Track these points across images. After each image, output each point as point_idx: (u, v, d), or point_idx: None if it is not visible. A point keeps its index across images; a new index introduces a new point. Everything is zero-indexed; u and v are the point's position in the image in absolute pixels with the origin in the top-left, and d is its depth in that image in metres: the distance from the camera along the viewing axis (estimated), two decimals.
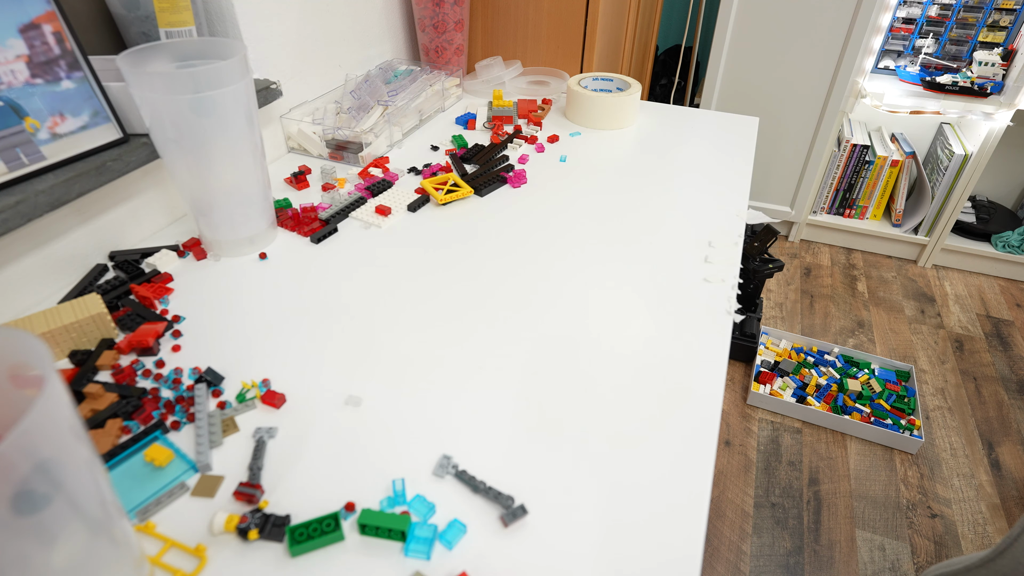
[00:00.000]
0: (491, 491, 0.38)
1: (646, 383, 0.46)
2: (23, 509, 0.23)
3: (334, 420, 0.44)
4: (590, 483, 0.39)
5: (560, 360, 0.49)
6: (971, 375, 1.63)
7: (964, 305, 1.87)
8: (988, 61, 1.87)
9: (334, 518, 0.36)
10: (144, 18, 0.62)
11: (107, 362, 0.47)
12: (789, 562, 1.19)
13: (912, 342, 1.73)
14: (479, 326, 0.52)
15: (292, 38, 0.78)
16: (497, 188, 0.74)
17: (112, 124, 0.56)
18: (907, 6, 1.96)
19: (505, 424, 0.43)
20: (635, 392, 0.46)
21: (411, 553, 0.35)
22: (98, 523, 0.28)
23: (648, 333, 0.52)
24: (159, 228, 0.67)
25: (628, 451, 0.41)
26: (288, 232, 0.65)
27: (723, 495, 1.32)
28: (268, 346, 0.50)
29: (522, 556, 0.35)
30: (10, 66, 0.49)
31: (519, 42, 1.06)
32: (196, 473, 0.40)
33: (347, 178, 0.75)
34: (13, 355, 0.26)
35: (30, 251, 0.54)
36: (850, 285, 1.95)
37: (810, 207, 2.06)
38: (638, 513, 0.37)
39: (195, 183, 0.57)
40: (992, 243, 1.96)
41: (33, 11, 0.50)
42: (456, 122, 0.91)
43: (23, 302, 0.54)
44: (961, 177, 1.84)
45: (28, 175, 0.51)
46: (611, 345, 0.50)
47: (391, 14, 0.99)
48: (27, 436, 0.22)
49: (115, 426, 0.42)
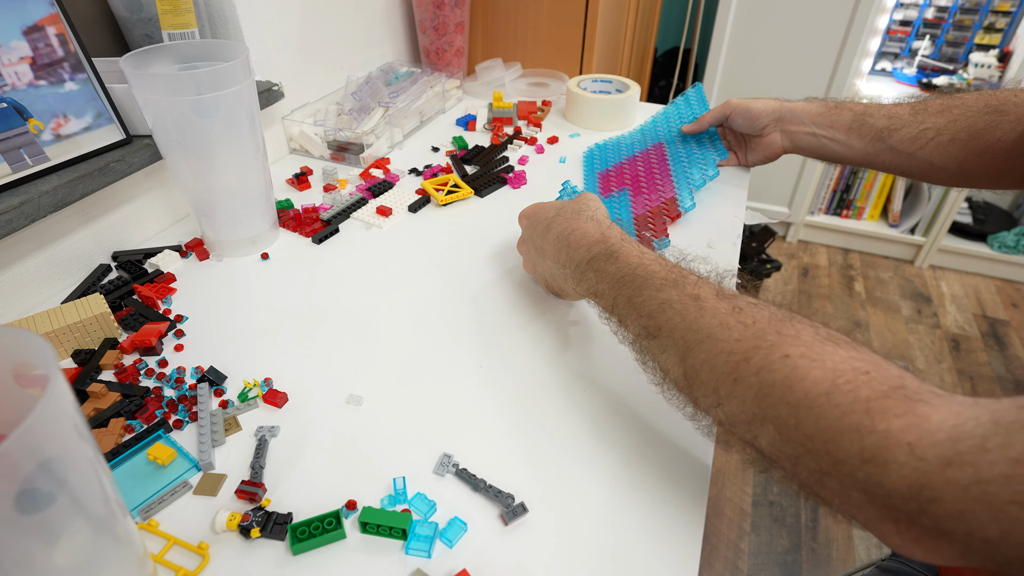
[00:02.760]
0: (491, 489, 0.39)
1: (646, 382, 0.47)
2: (27, 507, 0.23)
3: (335, 419, 0.44)
4: (589, 481, 0.40)
5: (560, 359, 0.49)
6: (967, 375, 1.63)
7: (960, 305, 1.88)
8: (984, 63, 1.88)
9: (335, 516, 0.36)
10: (147, 20, 0.63)
11: (110, 361, 0.48)
12: (787, 560, 1.20)
13: (909, 342, 1.74)
14: (479, 325, 0.53)
15: (294, 40, 0.79)
16: (497, 189, 0.74)
17: (115, 125, 0.57)
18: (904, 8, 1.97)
19: (505, 422, 0.44)
20: (635, 391, 0.46)
21: (412, 551, 0.36)
22: (101, 521, 0.28)
23: None
24: (162, 229, 0.67)
25: (627, 449, 0.42)
26: (290, 232, 0.66)
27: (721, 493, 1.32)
28: (270, 345, 0.51)
29: (522, 554, 0.36)
30: (14, 68, 0.49)
31: (519, 44, 1.06)
32: (198, 472, 0.40)
33: (348, 179, 0.75)
34: (17, 354, 0.27)
35: (34, 251, 0.54)
36: (847, 285, 1.96)
37: (808, 208, 2.07)
38: (637, 511, 0.38)
39: (197, 184, 0.57)
40: (988, 243, 1.97)
41: (37, 13, 0.50)
42: (456, 123, 0.91)
43: (27, 302, 0.54)
44: None
45: (32, 176, 0.51)
46: (611, 344, 0.50)
47: (392, 16, 0.99)
48: (31, 435, 0.22)
49: (118, 425, 0.42)
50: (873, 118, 0.58)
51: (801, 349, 0.30)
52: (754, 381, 0.31)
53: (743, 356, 0.32)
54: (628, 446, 0.42)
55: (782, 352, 0.30)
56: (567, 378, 0.47)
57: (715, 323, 0.34)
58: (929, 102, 0.56)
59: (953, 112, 0.54)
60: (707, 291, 0.36)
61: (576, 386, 0.47)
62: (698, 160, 0.73)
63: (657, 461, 0.41)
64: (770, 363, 0.30)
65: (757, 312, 0.33)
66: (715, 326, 0.34)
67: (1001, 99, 0.53)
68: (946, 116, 0.54)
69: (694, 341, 0.34)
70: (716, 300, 0.35)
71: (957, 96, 0.55)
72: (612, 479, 0.40)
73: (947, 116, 0.54)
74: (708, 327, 0.34)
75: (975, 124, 0.53)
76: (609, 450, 0.42)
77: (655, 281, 0.38)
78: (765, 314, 0.33)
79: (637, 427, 0.43)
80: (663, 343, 0.36)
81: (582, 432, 0.43)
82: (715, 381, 0.33)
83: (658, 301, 0.37)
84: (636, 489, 0.39)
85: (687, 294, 0.36)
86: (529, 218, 0.53)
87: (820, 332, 0.31)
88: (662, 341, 0.36)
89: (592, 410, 0.45)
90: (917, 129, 0.55)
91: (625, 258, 0.41)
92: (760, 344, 0.31)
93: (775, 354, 0.30)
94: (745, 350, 0.32)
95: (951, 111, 0.54)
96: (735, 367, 0.32)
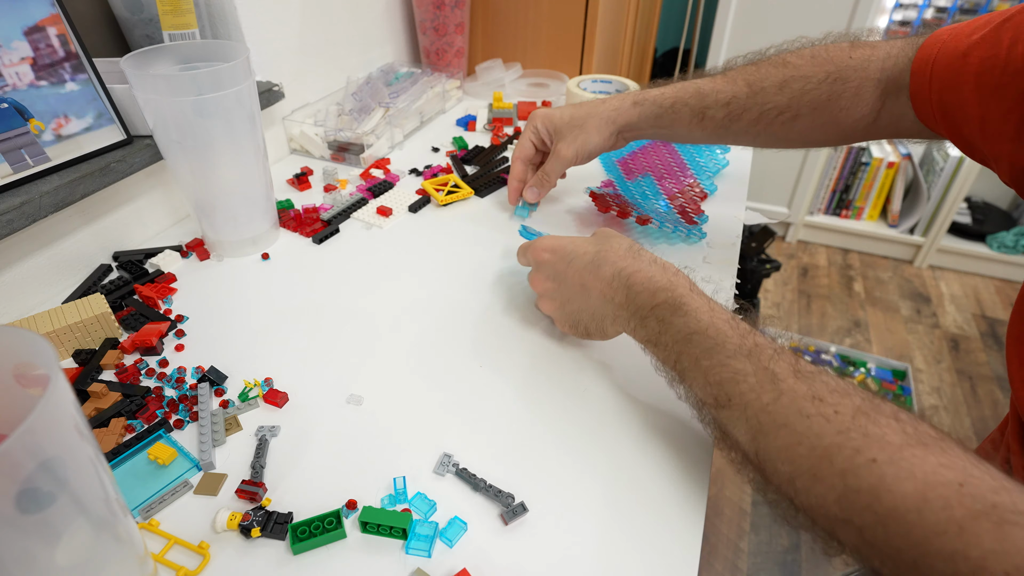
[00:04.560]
0: (491, 489, 0.39)
1: (645, 381, 0.47)
2: (28, 507, 0.23)
3: (336, 419, 0.44)
4: (589, 481, 0.40)
5: (561, 359, 0.49)
6: (967, 374, 1.64)
7: (960, 305, 1.88)
8: None
9: (336, 516, 0.36)
10: (148, 21, 0.63)
11: (111, 361, 0.48)
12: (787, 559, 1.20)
13: (908, 342, 1.74)
14: (479, 325, 0.53)
15: (294, 41, 0.79)
16: (497, 189, 0.74)
17: (116, 126, 0.57)
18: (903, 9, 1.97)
19: (505, 422, 0.44)
20: (634, 390, 0.46)
21: (412, 551, 0.36)
22: (102, 521, 0.28)
23: None
24: (162, 229, 0.67)
25: (627, 449, 0.42)
26: (290, 233, 0.66)
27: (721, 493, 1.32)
28: (271, 345, 0.51)
29: (522, 553, 0.36)
30: (15, 68, 0.49)
31: (519, 44, 1.06)
32: (199, 471, 0.40)
33: (349, 179, 0.76)
34: (18, 354, 0.27)
35: (35, 251, 0.54)
36: (847, 285, 1.96)
37: (807, 208, 2.07)
38: (637, 511, 0.38)
39: (198, 184, 0.57)
40: (987, 244, 1.97)
41: (38, 14, 0.50)
42: (456, 124, 0.92)
43: (28, 302, 0.54)
44: (956, 178, 1.85)
45: (33, 176, 0.51)
46: (611, 344, 0.50)
47: (392, 17, 0.99)
48: (32, 434, 0.22)
49: (119, 425, 0.42)
50: (712, 109, 0.54)
51: (889, 453, 0.28)
52: (837, 483, 0.29)
53: (824, 454, 0.30)
54: (628, 446, 0.42)
55: (868, 456, 0.28)
56: (567, 378, 0.48)
57: (793, 410, 0.32)
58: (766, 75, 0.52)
59: (793, 87, 0.51)
60: (784, 367, 0.34)
61: (576, 386, 0.47)
62: (704, 148, 0.78)
63: (657, 461, 0.41)
64: (855, 467, 0.28)
65: (840, 402, 0.31)
66: (793, 414, 0.31)
67: (838, 63, 0.49)
68: (786, 92, 0.51)
69: (769, 425, 0.32)
70: (794, 380, 0.33)
71: (793, 65, 0.51)
72: (612, 479, 0.40)
73: (787, 92, 0.51)
74: (786, 414, 0.32)
75: (818, 97, 0.50)
76: (609, 450, 0.42)
77: (728, 347, 0.36)
78: (848, 406, 0.31)
79: (637, 427, 0.43)
80: (733, 416, 0.34)
81: (582, 432, 0.43)
82: (792, 472, 0.31)
83: (731, 371, 0.35)
84: (636, 489, 0.39)
85: (762, 367, 0.34)
86: (556, 251, 0.48)
87: (908, 430, 0.29)
88: (732, 414, 0.34)
89: (592, 410, 0.45)
90: (758, 112, 0.53)
91: (695, 313, 0.38)
92: (844, 444, 0.29)
93: (860, 458, 0.28)
94: (827, 447, 0.30)
95: (790, 85, 0.51)
96: (816, 464, 0.30)
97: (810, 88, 0.51)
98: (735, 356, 0.35)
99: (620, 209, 0.66)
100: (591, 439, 0.43)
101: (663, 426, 0.43)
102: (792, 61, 0.52)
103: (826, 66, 0.50)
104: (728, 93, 0.54)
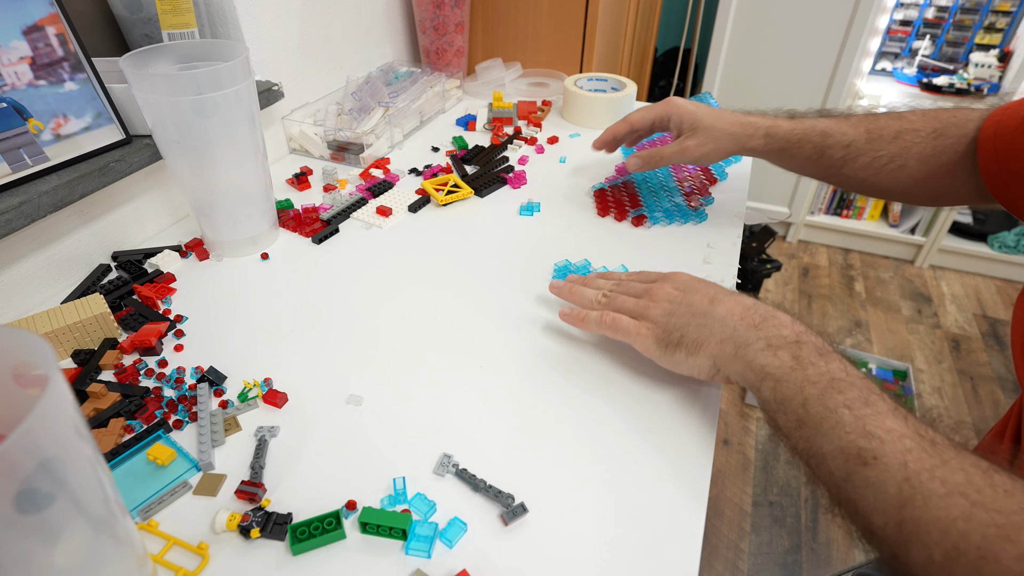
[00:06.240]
0: (491, 489, 0.39)
1: (645, 381, 0.47)
2: (26, 508, 0.23)
3: (335, 419, 0.44)
4: (589, 482, 0.40)
5: (561, 359, 0.49)
6: (968, 375, 1.63)
7: (961, 305, 1.88)
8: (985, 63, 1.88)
9: (335, 516, 0.36)
10: (147, 20, 0.63)
11: (110, 362, 0.48)
12: (787, 560, 1.20)
13: (909, 342, 1.74)
14: (479, 325, 0.53)
15: (294, 40, 0.79)
16: (497, 189, 0.74)
17: (115, 125, 0.57)
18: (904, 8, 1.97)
19: (505, 422, 0.44)
20: (634, 389, 0.46)
21: (412, 551, 0.36)
22: (101, 521, 0.28)
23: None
24: (162, 229, 0.67)
25: (627, 449, 0.42)
26: (290, 232, 0.66)
27: (721, 494, 1.32)
28: (270, 346, 0.51)
29: (522, 554, 0.36)
30: (14, 68, 0.49)
31: (519, 44, 1.06)
32: (198, 472, 0.40)
33: (348, 179, 0.75)
34: (17, 354, 0.27)
35: (33, 251, 0.54)
36: (847, 285, 1.96)
37: (808, 207, 2.07)
38: (637, 511, 0.38)
39: (197, 184, 0.57)
40: (988, 243, 1.97)
41: (36, 13, 0.50)
42: (456, 123, 0.91)
43: (27, 302, 0.54)
44: None
45: (31, 176, 0.51)
46: (612, 345, 0.50)
47: (392, 16, 0.99)
48: (31, 435, 0.22)
49: (118, 425, 0.42)
50: (833, 150, 0.57)
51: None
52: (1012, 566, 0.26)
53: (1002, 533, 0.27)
54: (628, 446, 0.42)
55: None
56: (567, 378, 0.47)
57: (961, 478, 0.29)
58: (884, 125, 0.56)
59: (904, 139, 0.55)
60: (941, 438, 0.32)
61: (576, 386, 0.47)
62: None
63: (657, 461, 0.41)
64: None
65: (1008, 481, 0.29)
66: (961, 482, 0.29)
67: (944, 121, 0.53)
68: (898, 143, 0.55)
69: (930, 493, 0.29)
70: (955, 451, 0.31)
71: (907, 119, 0.55)
72: (612, 479, 0.40)
73: (899, 143, 0.55)
74: (954, 480, 0.29)
75: (924, 151, 0.54)
76: (609, 450, 0.42)
77: (880, 404, 0.34)
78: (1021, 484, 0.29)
79: (637, 427, 0.43)
80: (876, 477, 0.31)
81: (582, 432, 0.43)
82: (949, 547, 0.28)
83: (885, 428, 0.32)
84: (636, 489, 0.39)
85: (919, 432, 0.32)
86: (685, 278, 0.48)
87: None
88: (877, 474, 0.31)
89: (592, 410, 0.45)
90: (871, 157, 0.56)
91: (839, 363, 0.38)
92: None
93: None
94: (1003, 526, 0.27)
95: (903, 138, 0.55)
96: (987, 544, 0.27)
97: (919, 140, 0.54)
98: (890, 415, 0.33)
99: (619, 209, 0.67)
100: (591, 440, 0.42)
101: (663, 426, 0.43)
102: (907, 116, 0.56)
103: (934, 123, 0.54)
104: (849, 136, 0.57)
